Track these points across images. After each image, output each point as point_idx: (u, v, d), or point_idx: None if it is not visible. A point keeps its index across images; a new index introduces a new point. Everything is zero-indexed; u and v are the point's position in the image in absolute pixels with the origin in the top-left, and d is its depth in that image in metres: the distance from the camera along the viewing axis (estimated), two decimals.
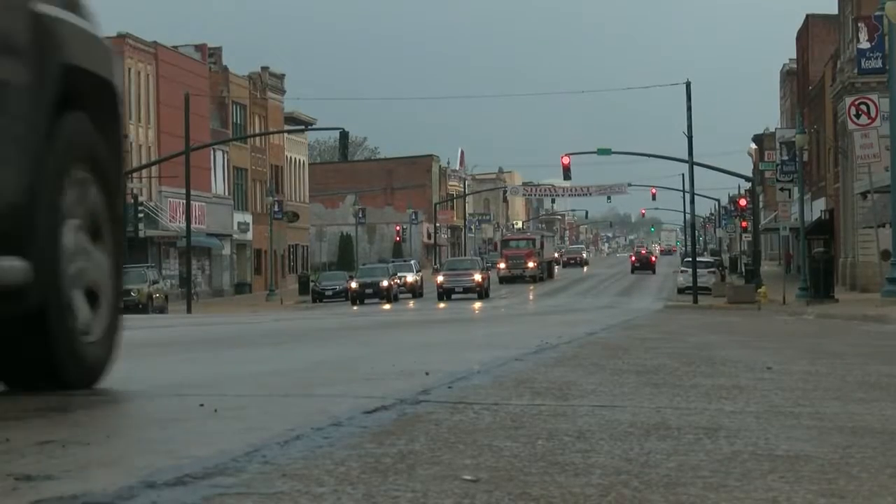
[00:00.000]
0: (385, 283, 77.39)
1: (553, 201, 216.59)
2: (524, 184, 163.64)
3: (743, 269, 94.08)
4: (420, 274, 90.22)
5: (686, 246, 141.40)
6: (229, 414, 5.12)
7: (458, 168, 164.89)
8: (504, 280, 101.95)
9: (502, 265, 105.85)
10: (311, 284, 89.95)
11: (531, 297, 78.46)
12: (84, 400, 5.65)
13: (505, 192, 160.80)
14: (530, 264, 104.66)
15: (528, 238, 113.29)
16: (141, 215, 75.88)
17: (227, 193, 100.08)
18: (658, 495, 3.37)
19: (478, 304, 59.90)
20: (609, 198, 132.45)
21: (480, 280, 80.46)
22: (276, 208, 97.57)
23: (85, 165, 6.09)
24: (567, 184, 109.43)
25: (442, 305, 61.06)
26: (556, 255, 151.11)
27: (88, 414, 5.17)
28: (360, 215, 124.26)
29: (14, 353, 5.84)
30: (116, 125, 6.46)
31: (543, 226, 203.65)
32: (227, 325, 20.64)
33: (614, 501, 3.29)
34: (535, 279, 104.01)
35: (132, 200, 73.38)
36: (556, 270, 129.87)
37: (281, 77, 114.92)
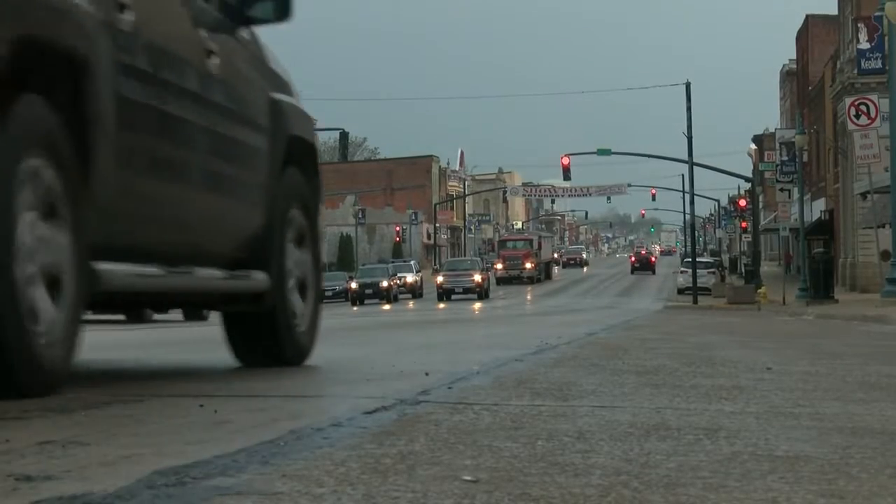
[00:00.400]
0: (385, 284, 77.37)
1: (553, 202, 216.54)
2: (524, 184, 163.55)
3: (743, 270, 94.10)
4: (420, 274, 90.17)
5: (686, 246, 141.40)
6: (229, 414, 5.12)
7: (457, 168, 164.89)
8: (501, 281, 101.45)
9: (499, 266, 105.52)
10: None
11: (531, 297, 78.47)
12: (83, 400, 5.65)
13: (505, 192, 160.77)
14: (528, 265, 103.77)
15: (525, 238, 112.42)
16: None
17: None
18: (658, 496, 3.37)
19: (478, 305, 59.92)
20: (609, 198, 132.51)
21: (480, 281, 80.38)
22: None
23: (298, 203, 8.37)
24: (567, 184, 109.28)
25: (442, 306, 61.08)
26: (556, 255, 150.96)
27: (88, 414, 5.17)
28: (360, 216, 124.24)
29: (254, 340, 8.18)
30: (316, 172, 8.72)
31: (543, 226, 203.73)
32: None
33: (614, 502, 3.29)
34: (532, 280, 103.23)
35: None
36: (555, 271, 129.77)
37: None
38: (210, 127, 7.08)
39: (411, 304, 59.39)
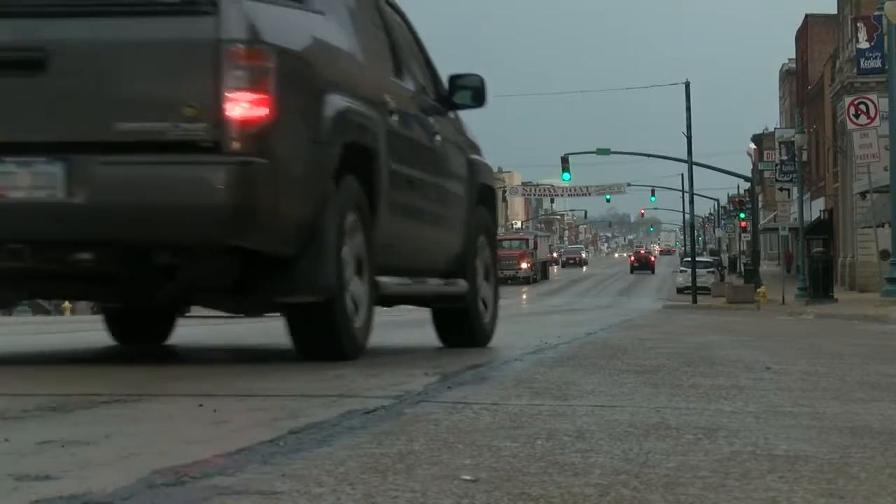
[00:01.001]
0: None
1: (552, 201, 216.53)
2: (523, 184, 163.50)
3: (742, 269, 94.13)
4: None
5: (685, 246, 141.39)
6: (228, 414, 5.13)
7: None
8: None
9: None
10: None
11: (529, 297, 78.48)
12: (83, 400, 5.65)
13: (504, 192, 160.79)
14: (523, 265, 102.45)
15: (521, 238, 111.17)
16: None
17: None
18: (657, 495, 3.37)
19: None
20: (608, 198, 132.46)
21: None
22: None
23: (484, 231, 11.23)
24: (566, 184, 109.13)
25: None
26: (553, 255, 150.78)
27: (88, 413, 5.17)
28: None
29: (455, 328, 10.97)
30: (495, 207, 11.63)
31: (542, 226, 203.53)
32: (226, 325, 20.62)
33: (613, 501, 3.29)
34: (528, 281, 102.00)
35: None
36: (554, 270, 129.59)
37: None
38: (435, 183, 10.11)
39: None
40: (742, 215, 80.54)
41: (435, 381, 6.78)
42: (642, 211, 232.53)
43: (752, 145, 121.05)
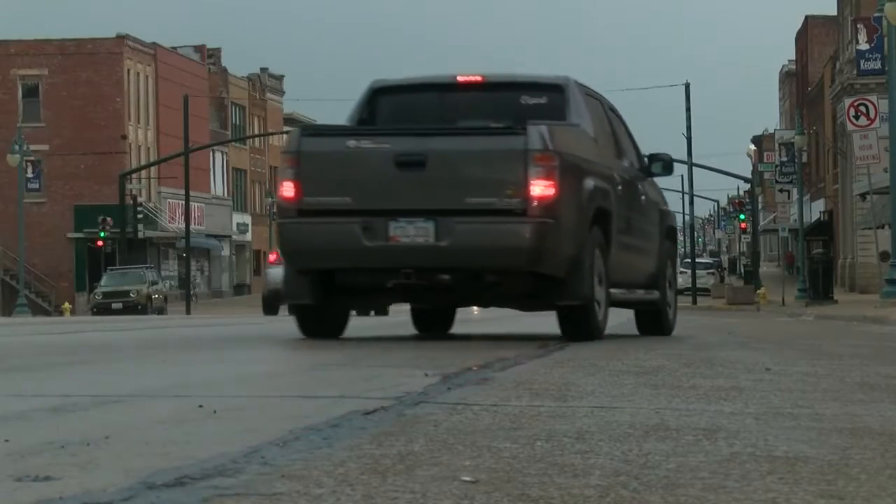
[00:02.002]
0: None
1: None
2: None
3: (742, 271, 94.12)
4: None
5: (685, 247, 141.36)
6: (228, 415, 5.13)
7: None
8: None
9: None
10: None
11: None
12: (83, 400, 5.65)
13: None
14: None
15: None
16: (140, 216, 75.89)
17: (226, 194, 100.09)
18: (657, 496, 3.37)
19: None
20: None
21: None
22: (275, 209, 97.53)
23: (669, 259, 15.77)
24: None
25: None
26: None
27: (88, 414, 5.17)
28: None
29: (650, 324, 15.08)
30: (675, 241, 15.93)
31: None
32: (226, 327, 20.64)
33: (613, 502, 3.29)
34: None
35: (131, 202, 73.37)
36: None
37: (280, 78, 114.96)
38: (641, 227, 14.30)
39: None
40: (742, 216, 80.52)
41: (435, 381, 6.79)
42: None
43: (752, 146, 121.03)
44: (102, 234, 72.41)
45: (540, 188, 11.56)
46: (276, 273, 34.18)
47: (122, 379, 7.50)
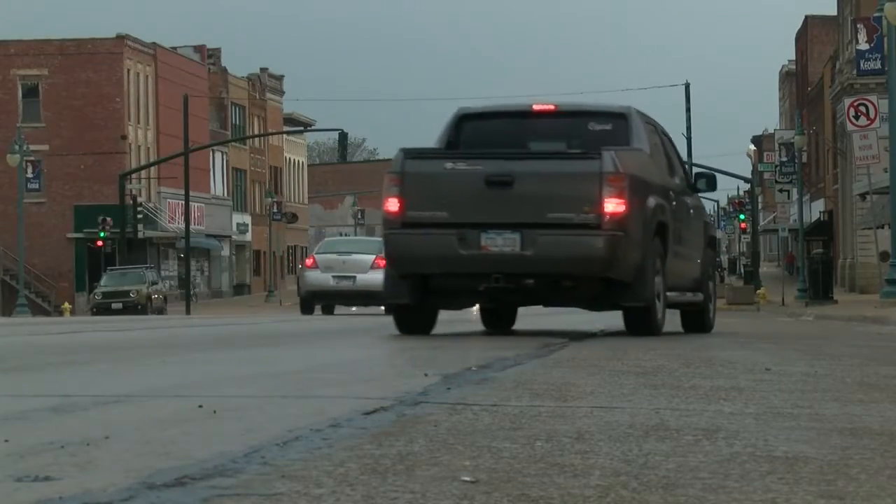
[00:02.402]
0: None
1: None
2: None
3: (742, 271, 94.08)
4: None
5: None
6: (228, 415, 5.13)
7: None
8: None
9: None
10: None
11: None
12: (83, 400, 5.65)
13: None
14: None
15: None
16: (140, 216, 75.87)
17: (226, 194, 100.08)
18: (657, 496, 3.37)
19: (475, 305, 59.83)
20: None
21: None
22: (275, 209, 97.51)
23: (711, 265, 17.44)
24: None
25: None
26: None
27: (88, 414, 5.17)
28: (360, 216, 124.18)
29: (694, 322, 16.67)
30: (715, 249, 18.64)
31: None
32: (226, 327, 20.65)
33: (613, 503, 3.29)
34: None
35: (131, 202, 73.38)
36: None
37: (280, 78, 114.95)
38: (690, 238, 15.95)
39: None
40: (742, 216, 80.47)
41: (435, 382, 6.79)
42: None
43: (752, 146, 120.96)
44: (102, 235, 72.40)
45: (612, 205, 13.38)
46: (312, 276, 36.57)
47: (122, 379, 7.50)
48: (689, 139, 67.66)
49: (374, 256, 36.06)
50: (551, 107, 15.04)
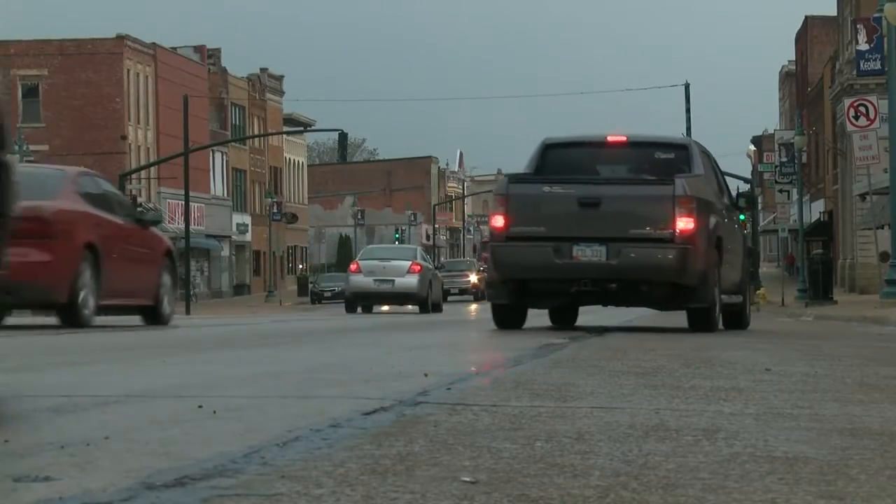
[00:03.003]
0: None
1: None
2: None
3: None
4: None
5: None
6: (228, 415, 5.13)
7: (457, 169, 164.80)
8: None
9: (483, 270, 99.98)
10: (310, 286, 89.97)
11: None
12: (83, 401, 5.65)
13: None
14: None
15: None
16: None
17: (225, 195, 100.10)
18: (657, 497, 3.37)
19: (474, 306, 59.84)
20: None
21: (477, 282, 79.60)
22: (274, 210, 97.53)
23: (747, 266, 19.78)
24: None
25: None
26: None
27: (88, 415, 5.17)
28: (359, 217, 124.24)
29: (732, 321, 18.73)
30: (750, 255, 20.44)
31: None
32: (225, 327, 20.65)
33: (613, 503, 3.29)
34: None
35: (131, 202, 73.31)
36: None
37: (280, 79, 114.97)
38: (734, 247, 17.99)
39: (410, 305, 58.92)
40: (742, 217, 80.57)
41: (435, 382, 6.79)
42: None
43: (752, 147, 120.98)
44: None
45: (683, 223, 15.91)
46: (356, 279, 41.86)
47: (122, 379, 7.50)
48: None
49: (410, 262, 42.30)
50: (623, 138, 17.61)
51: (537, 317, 18.71)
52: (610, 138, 17.56)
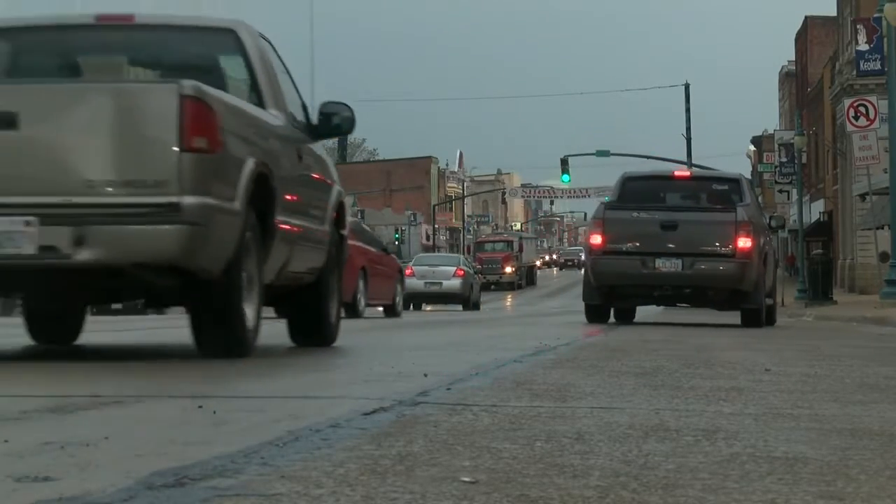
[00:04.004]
0: None
1: (552, 203, 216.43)
2: (523, 185, 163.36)
3: None
4: None
5: None
6: (228, 415, 5.13)
7: (456, 170, 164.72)
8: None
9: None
10: None
11: (528, 298, 78.43)
12: (82, 401, 5.65)
13: (504, 193, 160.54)
14: (507, 269, 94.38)
15: (505, 240, 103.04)
16: None
17: None
18: (657, 497, 3.37)
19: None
20: (607, 199, 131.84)
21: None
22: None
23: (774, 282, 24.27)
24: (566, 185, 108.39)
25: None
26: (545, 258, 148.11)
27: (87, 415, 5.17)
28: (359, 216, 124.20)
29: (750, 321, 20.90)
30: (775, 263, 24.71)
31: (542, 227, 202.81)
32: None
33: (613, 503, 3.29)
34: (512, 286, 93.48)
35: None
36: (554, 272, 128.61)
37: None
38: (769, 260, 22.34)
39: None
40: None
41: (434, 382, 6.79)
42: None
43: (752, 147, 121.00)
44: None
45: (742, 242, 20.07)
46: (409, 282, 45.80)
47: (122, 379, 7.50)
48: (688, 140, 67.64)
49: (455, 268, 51.81)
50: (688, 174, 25.25)
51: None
52: (677, 174, 23.92)
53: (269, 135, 9.30)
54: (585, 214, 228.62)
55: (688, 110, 68.19)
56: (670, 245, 20.31)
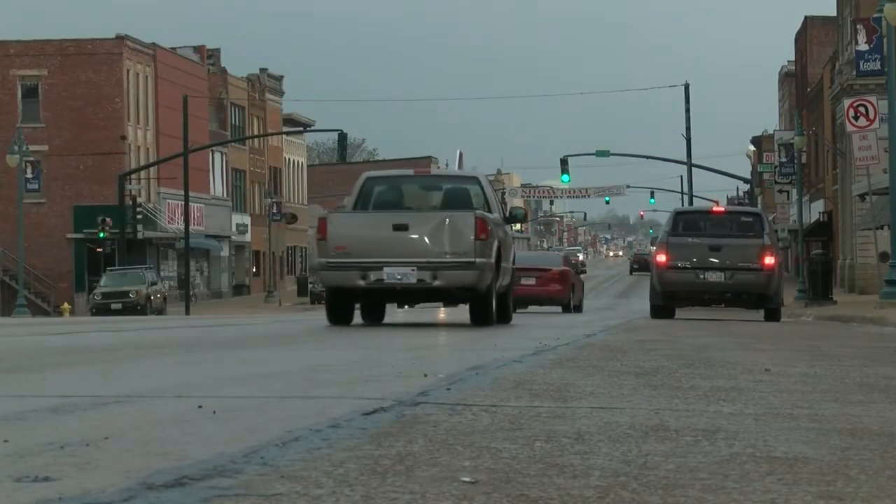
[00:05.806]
0: None
1: (552, 203, 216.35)
2: (523, 185, 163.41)
3: None
4: None
5: None
6: (228, 416, 5.13)
7: (456, 169, 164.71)
8: None
9: None
10: (310, 286, 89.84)
11: None
12: (82, 401, 5.65)
13: (503, 193, 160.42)
14: None
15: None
16: (139, 217, 75.81)
17: (225, 195, 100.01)
18: (657, 497, 3.37)
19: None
20: (608, 200, 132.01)
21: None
22: (274, 210, 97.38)
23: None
24: (565, 186, 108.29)
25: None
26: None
27: (88, 415, 5.17)
28: None
29: (769, 317, 28.11)
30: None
31: (542, 227, 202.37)
32: (225, 327, 20.64)
33: (613, 503, 3.29)
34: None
35: (130, 202, 73.30)
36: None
37: (280, 79, 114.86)
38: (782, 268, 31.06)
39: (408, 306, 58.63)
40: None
41: (434, 382, 6.79)
42: (641, 213, 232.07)
43: (752, 147, 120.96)
44: (102, 235, 72.35)
45: (768, 260, 26.44)
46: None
47: (122, 379, 7.50)
48: (688, 139, 67.62)
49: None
50: (723, 210, 32.86)
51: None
52: (714, 210, 32.63)
53: (498, 226, 18.47)
54: (585, 214, 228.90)
55: (688, 110, 68.17)
56: (715, 261, 26.95)
